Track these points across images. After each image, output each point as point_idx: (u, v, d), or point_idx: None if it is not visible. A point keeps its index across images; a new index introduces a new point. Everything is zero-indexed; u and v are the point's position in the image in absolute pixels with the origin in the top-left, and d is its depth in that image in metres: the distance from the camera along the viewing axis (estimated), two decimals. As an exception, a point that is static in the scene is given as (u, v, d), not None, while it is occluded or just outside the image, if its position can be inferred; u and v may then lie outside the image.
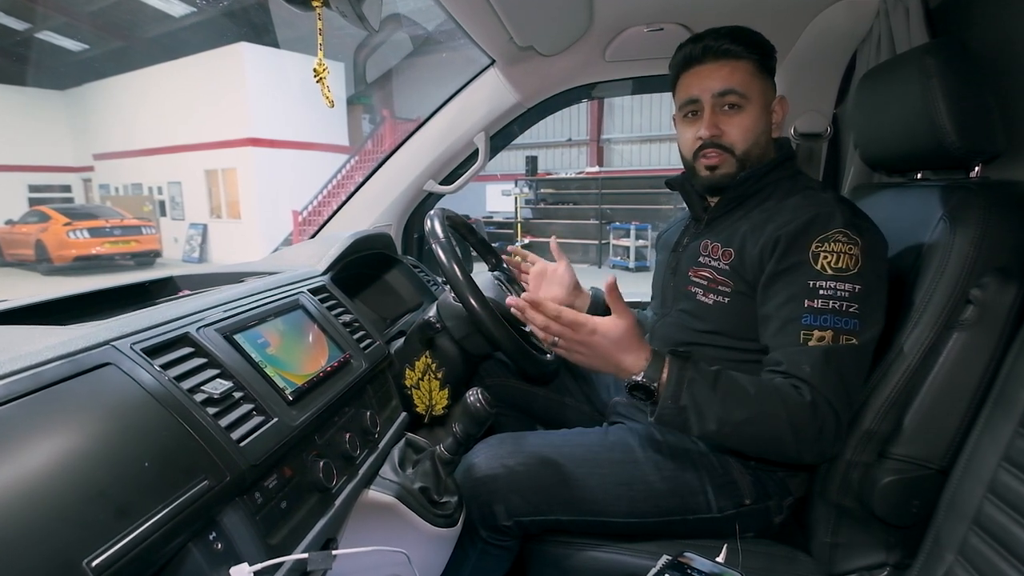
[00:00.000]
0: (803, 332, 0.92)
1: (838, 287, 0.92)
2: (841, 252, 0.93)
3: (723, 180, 1.09)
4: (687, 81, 1.10)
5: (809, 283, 0.93)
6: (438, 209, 1.22)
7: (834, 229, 0.94)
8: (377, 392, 1.02)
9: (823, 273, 0.93)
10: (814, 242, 0.94)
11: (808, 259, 0.94)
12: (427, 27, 10.31)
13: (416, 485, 0.92)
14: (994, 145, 1.01)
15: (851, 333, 0.91)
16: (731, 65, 1.05)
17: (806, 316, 0.92)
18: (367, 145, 13.74)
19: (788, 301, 0.95)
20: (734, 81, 1.05)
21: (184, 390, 0.62)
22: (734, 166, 1.07)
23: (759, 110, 1.07)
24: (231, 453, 0.61)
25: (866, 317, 0.92)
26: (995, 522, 0.77)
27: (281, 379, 0.76)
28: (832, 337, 0.90)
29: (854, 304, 0.91)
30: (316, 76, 0.83)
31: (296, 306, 0.92)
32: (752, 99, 1.06)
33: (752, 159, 1.08)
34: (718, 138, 1.07)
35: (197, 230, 14.55)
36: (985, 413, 0.84)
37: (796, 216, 0.97)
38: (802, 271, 0.94)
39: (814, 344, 0.91)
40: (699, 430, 0.91)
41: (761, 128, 1.08)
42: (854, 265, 0.92)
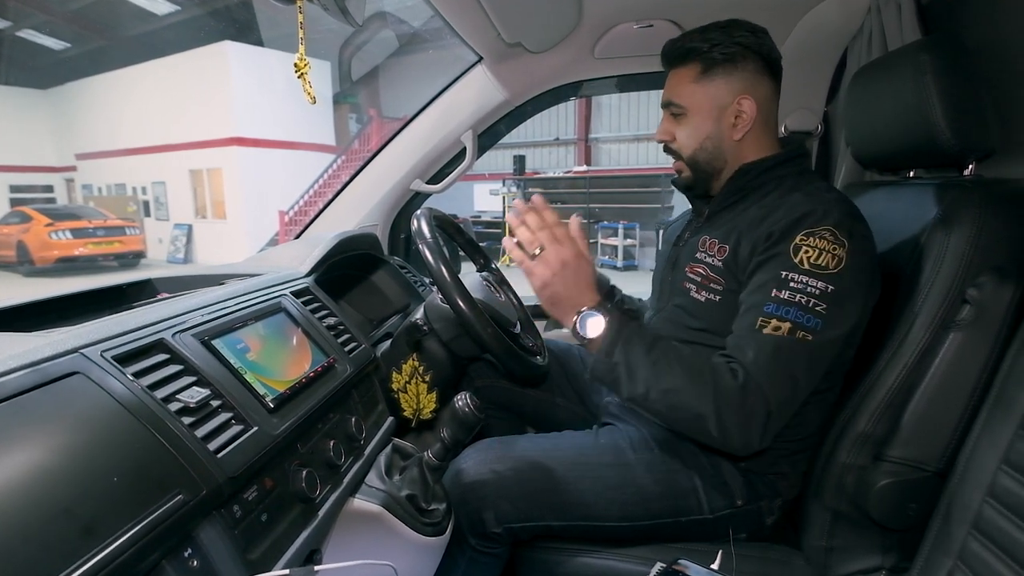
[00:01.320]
0: (761, 319, 0.89)
1: (809, 283, 0.89)
2: (824, 250, 0.90)
3: (685, 183, 1.14)
4: None
5: (782, 273, 0.91)
6: (425, 209, 1.19)
7: (823, 226, 0.92)
8: (363, 397, 0.99)
9: (799, 266, 0.90)
10: (799, 235, 0.92)
11: (788, 250, 0.92)
12: (413, 25, 10.25)
13: (403, 493, 0.90)
14: (988, 143, 1.00)
15: (809, 330, 0.88)
16: (675, 75, 1.09)
17: (769, 304, 0.90)
18: (354, 145, 13.66)
19: (757, 289, 0.93)
20: (672, 93, 1.09)
21: (158, 399, 0.59)
22: (686, 170, 1.11)
23: (700, 117, 1.06)
24: (208, 465, 0.58)
25: (831, 319, 0.88)
26: (995, 526, 0.75)
27: (262, 386, 0.73)
28: (788, 330, 0.88)
29: (822, 303, 0.88)
30: (297, 71, 0.80)
31: (278, 309, 0.89)
32: (690, 108, 1.07)
33: (702, 163, 1.09)
34: (670, 143, 1.11)
35: (182, 231, 14.40)
36: (983, 415, 0.83)
37: (791, 212, 0.96)
38: (779, 260, 0.92)
39: (768, 333, 0.88)
40: (628, 391, 0.91)
41: (706, 133, 1.06)
42: (835, 265, 0.89)
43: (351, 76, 14.10)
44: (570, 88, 1.65)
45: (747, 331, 0.90)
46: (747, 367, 0.87)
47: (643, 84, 1.66)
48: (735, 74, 1.04)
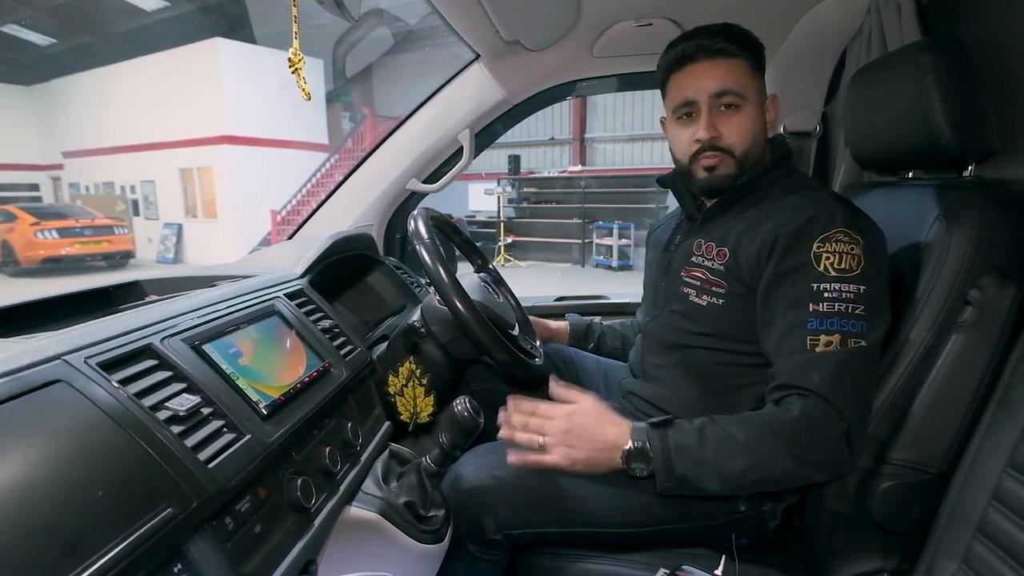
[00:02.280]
0: (810, 338, 0.88)
1: (843, 289, 0.89)
2: (844, 252, 0.90)
3: (723, 182, 1.05)
4: (680, 81, 1.06)
5: (813, 286, 0.90)
6: (422, 209, 1.17)
7: (835, 229, 0.91)
8: (359, 401, 0.97)
9: (826, 275, 0.90)
10: (815, 242, 0.91)
11: (810, 260, 0.91)
12: (409, 22, 10.22)
13: (401, 500, 0.88)
14: (988, 144, 1.00)
15: (859, 335, 0.88)
16: (726, 64, 1.02)
17: (812, 320, 0.89)
18: (347, 143, 13.59)
19: (792, 306, 0.91)
20: (730, 81, 1.02)
21: (145, 408, 0.57)
22: (733, 167, 1.04)
23: (755, 110, 1.04)
24: (198, 476, 0.56)
25: (872, 318, 0.89)
26: (1000, 530, 0.75)
27: (255, 392, 0.70)
28: (840, 341, 0.87)
29: (860, 305, 0.88)
30: (291, 66, 0.78)
31: (271, 312, 0.86)
32: (748, 99, 1.03)
33: (751, 160, 1.05)
34: (717, 140, 1.03)
35: (172, 230, 14.27)
36: (987, 417, 0.83)
37: (795, 216, 0.95)
38: (804, 273, 0.91)
39: (821, 350, 0.88)
40: (706, 489, 0.88)
41: (759, 128, 1.05)
42: (857, 265, 0.89)
43: (345, 74, 14.04)
44: (568, 87, 1.63)
45: (801, 354, 0.89)
46: (816, 391, 0.86)
47: (642, 83, 1.64)
48: (763, 80, 1.07)
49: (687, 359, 1.06)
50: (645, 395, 1.14)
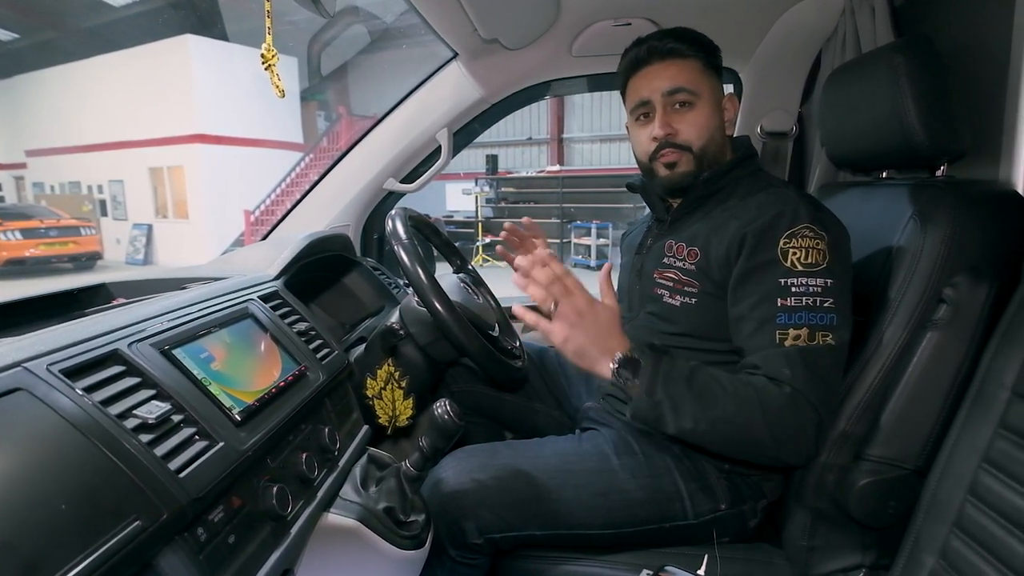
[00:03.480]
0: (778, 332, 0.90)
1: (810, 283, 0.90)
2: (809, 247, 0.91)
3: (683, 179, 1.07)
4: (636, 84, 1.09)
5: (780, 281, 0.91)
6: (400, 209, 1.15)
7: (801, 224, 0.93)
8: (336, 405, 0.94)
9: (793, 270, 0.91)
10: (782, 238, 0.93)
11: (777, 256, 0.92)
12: (386, 20, 10.12)
13: (380, 505, 0.86)
14: (960, 145, 1.02)
15: (827, 328, 0.89)
16: (678, 64, 1.05)
17: (780, 315, 0.90)
18: (322, 142, 13.43)
19: (761, 301, 0.93)
20: (682, 79, 1.04)
21: (112, 416, 0.54)
22: (692, 164, 1.06)
23: (710, 107, 1.06)
24: (168, 486, 0.54)
25: (840, 310, 0.90)
26: (977, 524, 0.76)
27: (228, 397, 0.68)
28: (808, 335, 0.89)
29: (828, 299, 0.90)
30: (265, 63, 0.76)
31: (245, 315, 0.84)
32: (702, 96, 1.05)
33: (709, 156, 1.06)
34: (673, 137, 1.05)
35: (141, 231, 13.97)
36: (962, 414, 0.84)
37: (761, 213, 0.96)
38: (772, 269, 0.92)
39: (791, 344, 0.89)
40: (675, 427, 0.88)
41: (715, 125, 1.07)
42: (823, 260, 0.91)
43: (320, 72, 13.87)
44: (547, 86, 1.63)
45: (770, 347, 0.90)
46: (789, 383, 0.87)
47: (620, 83, 1.64)
48: (719, 79, 1.09)
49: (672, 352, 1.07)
50: (624, 396, 1.13)
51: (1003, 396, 0.77)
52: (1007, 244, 0.91)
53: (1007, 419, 0.76)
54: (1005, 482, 0.73)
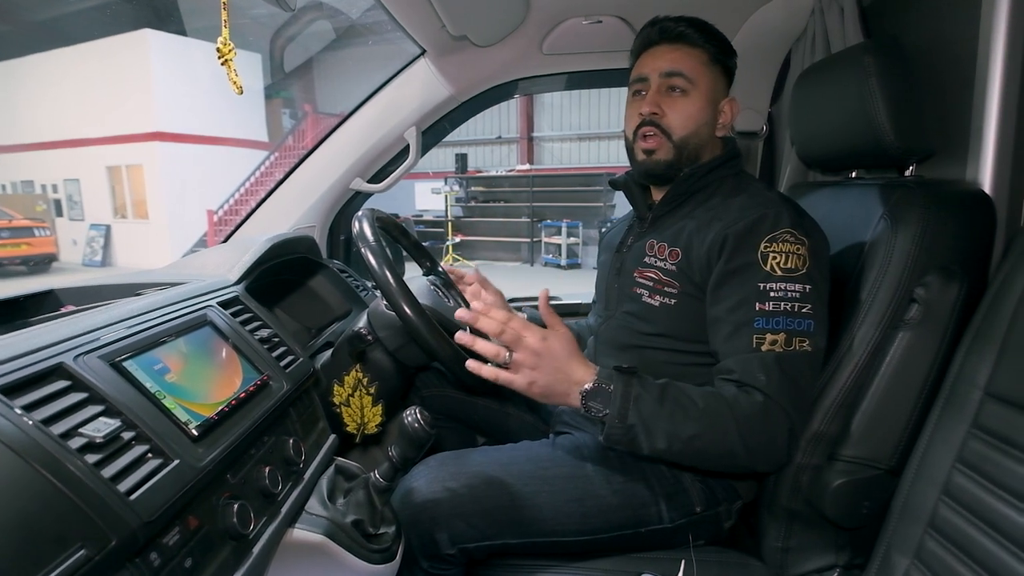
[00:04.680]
0: (755, 336, 0.89)
1: (788, 288, 0.90)
2: (789, 252, 0.91)
3: (658, 166, 1.07)
4: (641, 62, 1.09)
5: (760, 285, 0.91)
6: (367, 210, 1.12)
7: (782, 229, 0.92)
8: (301, 415, 0.91)
9: (773, 274, 0.91)
10: (762, 242, 0.92)
11: (757, 260, 0.92)
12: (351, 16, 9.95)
13: (348, 519, 0.83)
14: (929, 145, 1.03)
15: (804, 335, 0.89)
16: (684, 50, 1.05)
17: (758, 320, 0.90)
18: (288, 140, 13.19)
19: (739, 305, 0.92)
20: (683, 65, 1.04)
21: (54, 436, 0.50)
22: (670, 152, 1.05)
23: (704, 101, 1.05)
24: (117, 510, 0.50)
25: (818, 317, 0.90)
26: (951, 525, 0.76)
27: (184, 411, 0.64)
28: (785, 340, 0.88)
29: (806, 304, 0.89)
30: (221, 57, 0.72)
31: (203, 322, 0.79)
32: (698, 87, 1.04)
33: (689, 149, 1.06)
34: (658, 118, 1.05)
35: (99, 231, 13.53)
36: (935, 414, 0.84)
37: (743, 215, 0.95)
38: (751, 272, 0.92)
39: (767, 349, 0.88)
40: (648, 449, 0.86)
41: (703, 120, 1.06)
42: (803, 265, 0.91)
43: (283, 68, 13.61)
44: (517, 84, 1.60)
45: (746, 351, 0.90)
46: (763, 390, 0.86)
47: (592, 82, 1.63)
48: (726, 79, 1.09)
49: (641, 360, 1.05)
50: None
51: (976, 396, 0.77)
52: (976, 244, 0.92)
53: (980, 419, 0.76)
54: (979, 482, 0.74)
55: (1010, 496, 0.69)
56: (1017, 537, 0.67)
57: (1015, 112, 0.93)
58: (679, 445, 0.86)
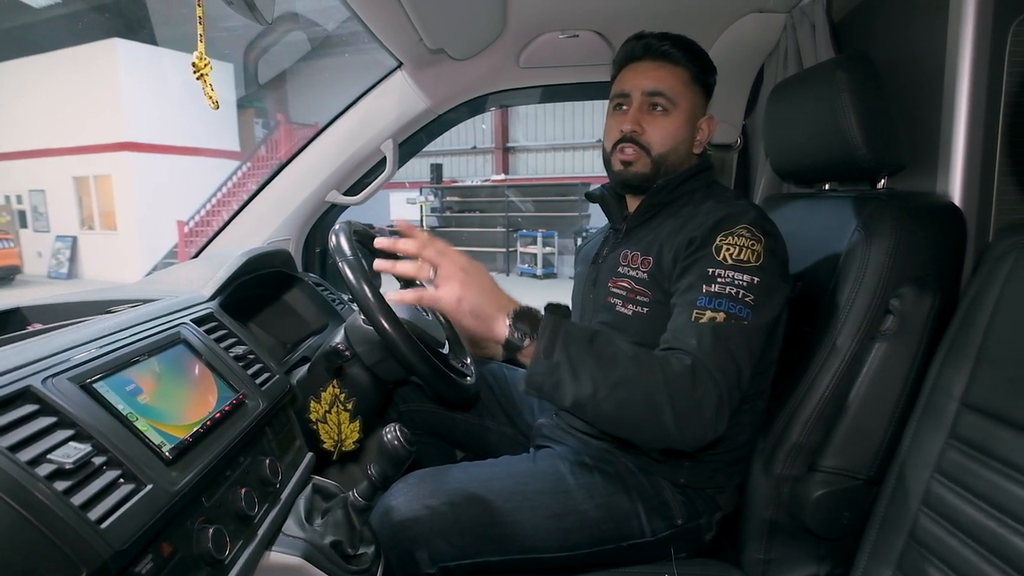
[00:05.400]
0: (695, 311, 0.89)
1: (736, 276, 0.90)
2: (743, 246, 0.92)
3: (635, 178, 1.08)
4: (624, 75, 1.10)
5: (709, 271, 0.92)
6: (343, 223, 1.10)
7: (740, 225, 0.94)
8: (278, 434, 0.89)
9: (723, 263, 0.91)
10: (719, 236, 0.94)
11: (711, 251, 0.93)
12: (327, 27, 9.89)
13: (327, 539, 0.81)
14: (900, 158, 1.05)
15: (743, 319, 0.88)
16: (667, 69, 1.06)
17: (701, 299, 0.89)
18: (260, 151, 13.03)
19: (688, 289, 0.93)
20: (665, 84, 1.05)
21: (21, 463, 0.48)
22: (648, 167, 1.07)
23: (684, 119, 1.07)
24: (88, 539, 0.48)
25: (759, 308, 0.89)
26: (931, 535, 0.77)
27: (157, 434, 0.63)
28: (724, 319, 0.87)
29: (750, 295, 0.89)
30: (196, 72, 0.71)
31: (176, 340, 0.78)
32: (679, 107, 1.06)
33: (667, 165, 1.07)
34: (638, 135, 1.06)
35: (65, 243, 13.20)
36: (913, 424, 0.85)
37: (707, 219, 0.97)
38: (704, 262, 0.93)
39: (704, 322, 0.87)
40: (573, 394, 0.82)
41: (682, 137, 1.08)
42: (755, 259, 0.91)
43: (257, 80, 13.46)
44: (494, 97, 1.61)
45: (684, 324, 0.89)
46: (693, 353, 0.84)
47: (569, 95, 1.64)
48: (705, 97, 1.11)
49: None
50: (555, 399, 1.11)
51: (952, 407, 0.78)
52: (947, 255, 0.94)
53: (957, 430, 0.77)
54: (959, 493, 0.74)
55: (988, 506, 0.70)
56: (996, 547, 0.68)
57: (982, 125, 0.95)
58: (604, 391, 0.81)
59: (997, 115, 0.95)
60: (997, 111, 0.95)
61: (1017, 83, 0.94)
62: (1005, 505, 0.68)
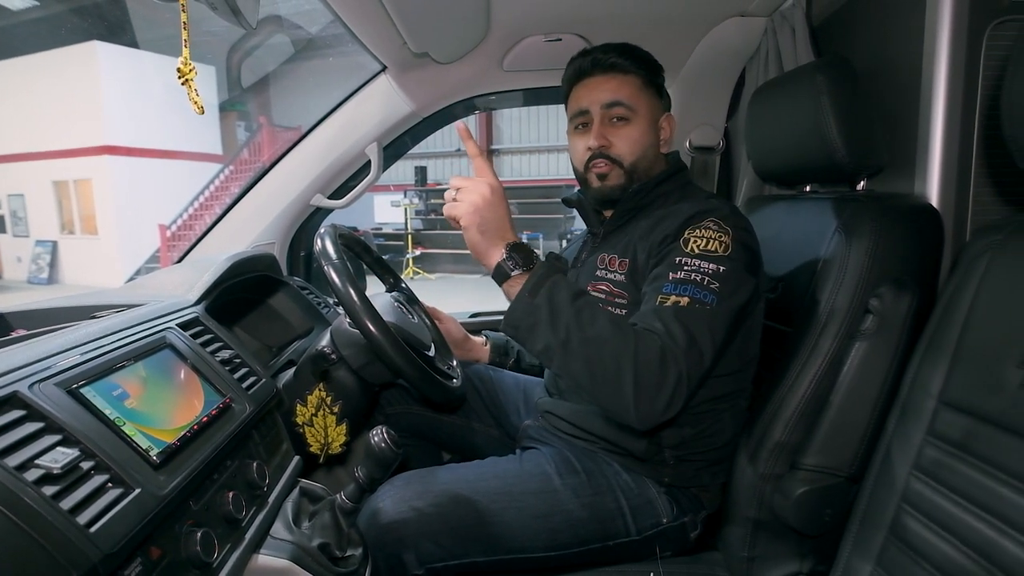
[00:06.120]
0: (660, 297, 0.90)
1: (701, 265, 0.91)
2: (710, 238, 0.94)
3: (613, 192, 1.10)
4: (577, 93, 1.11)
5: (676, 259, 0.93)
6: (329, 226, 1.11)
7: (708, 219, 0.96)
8: (264, 437, 0.89)
9: (690, 253, 0.93)
10: (687, 229, 0.96)
11: (679, 244, 0.95)
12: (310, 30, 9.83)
13: (314, 542, 0.81)
14: (878, 160, 1.07)
15: (706, 304, 0.89)
16: (619, 79, 1.08)
17: (667, 285, 0.91)
18: (243, 154, 12.93)
19: (655, 279, 0.94)
20: (621, 94, 1.07)
21: (10, 469, 0.48)
22: (622, 177, 1.09)
23: (646, 124, 1.09)
24: (77, 543, 0.48)
25: (724, 295, 0.90)
26: (910, 531, 0.78)
27: (144, 438, 0.63)
28: (688, 303, 0.88)
29: (715, 282, 0.90)
30: (181, 77, 0.71)
31: (162, 345, 0.78)
32: (639, 112, 1.08)
33: (640, 171, 1.09)
34: (606, 149, 1.08)
35: (45, 248, 13.00)
36: (892, 422, 0.86)
37: (679, 218, 0.99)
38: (673, 254, 0.95)
39: (668, 306, 0.88)
40: (544, 340, 0.85)
41: (648, 142, 1.09)
42: (723, 250, 0.92)
43: (240, 83, 13.36)
44: (479, 100, 1.62)
45: (649, 309, 0.90)
46: (659, 334, 0.85)
47: (552, 98, 1.65)
48: (659, 97, 1.12)
49: None
50: (561, 413, 1.13)
51: (930, 405, 0.79)
52: (925, 255, 0.96)
53: (935, 427, 0.78)
54: (936, 489, 0.75)
55: (966, 501, 0.71)
56: (973, 541, 0.69)
57: (959, 128, 0.98)
58: (576, 342, 0.83)
59: (973, 118, 0.98)
60: (973, 114, 0.97)
61: (992, 86, 0.96)
62: (982, 500, 0.69)
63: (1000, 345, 0.72)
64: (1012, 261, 0.75)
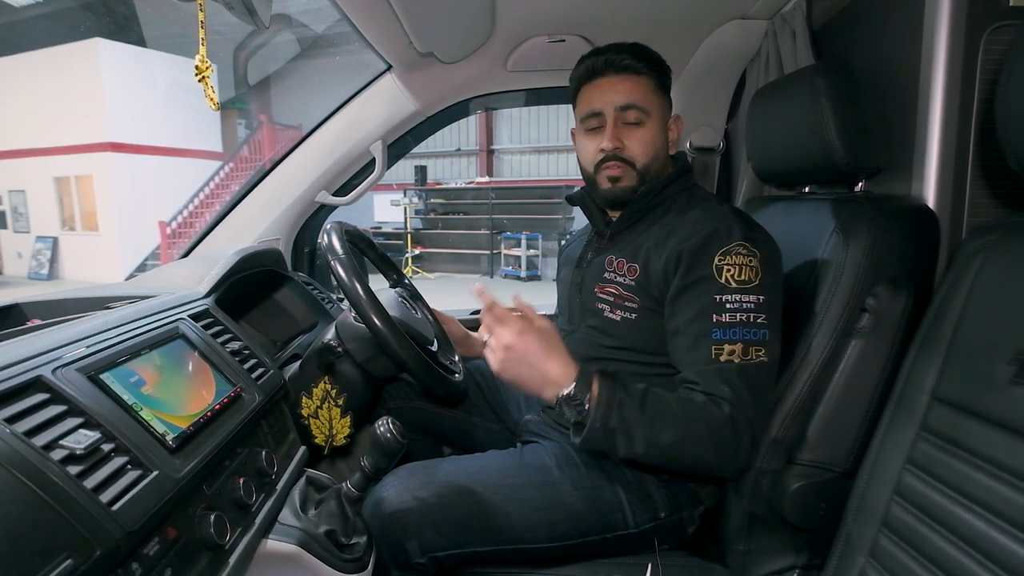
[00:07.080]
0: (714, 347, 0.93)
1: (743, 299, 0.93)
2: (743, 265, 0.95)
3: (624, 193, 1.09)
4: (589, 94, 1.10)
5: (716, 297, 0.94)
6: (335, 223, 1.13)
7: (734, 242, 0.96)
8: (272, 427, 0.91)
9: (728, 287, 0.94)
10: (716, 256, 0.96)
11: (712, 273, 0.95)
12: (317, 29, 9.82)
13: (321, 529, 0.83)
14: (877, 161, 1.08)
15: (760, 344, 0.92)
16: (632, 80, 1.07)
17: (716, 331, 0.93)
18: (243, 151, 12.93)
19: (697, 317, 0.95)
20: (635, 96, 1.07)
21: (37, 448, 0.50)
22: (635, 179, 1.09)
23: (658, 126, 1.09)
24: (101, 520, 0.51)
25: (772, 327, 0.94)
26: (903, 523, 0.79)
27: (161, 423, 0.65)
28: (742, 350, 0.92)
29: (761, 315, 0.93)
30: (198, 74, 0.73)
31: (176, 335, 0.80)
32: (652, 115, 1.08)
33: (652, 174, 1.09)
34: (620, 151, 1.07)
35: (46, 244, 13.01)
36: (886, 418, 0.88)
37: (697, 230, 0.99)
38: (707, 285, 0.95)
39: (726, 360, 0.92)
40: (626, 452, 0.89)
41: (660, 144, 1.10)
42: (755, 277, 0.94)
43: (247, 81, 13.35)
44: (482, 100, 1.63)
45: (706, 363, 0.93)
46: (728, 400, 0.89)
47: (555, 98, 1.67)
48: (668, 99, 1.13)
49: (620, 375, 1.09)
50: (565, 421, 1.15)
51: (923, 400, 0.81)
52: (921, 256, 0.97)
53: (928, 422, 0.80)
54: (928, 482, 0.77)
55: (957, 495, 0.73)
56: (965, 533, 0.71)
57: (955, 130, 0.99)
58: (656, 451, 0.89)
59: (969, 121, 0.99)
60: (970, 117, 0.99)
61: (988, 90, 0.98)
62: (972, 493, 0.71)
63: (992, 342, 0.74)
64: (1005, 261, 0.76)
